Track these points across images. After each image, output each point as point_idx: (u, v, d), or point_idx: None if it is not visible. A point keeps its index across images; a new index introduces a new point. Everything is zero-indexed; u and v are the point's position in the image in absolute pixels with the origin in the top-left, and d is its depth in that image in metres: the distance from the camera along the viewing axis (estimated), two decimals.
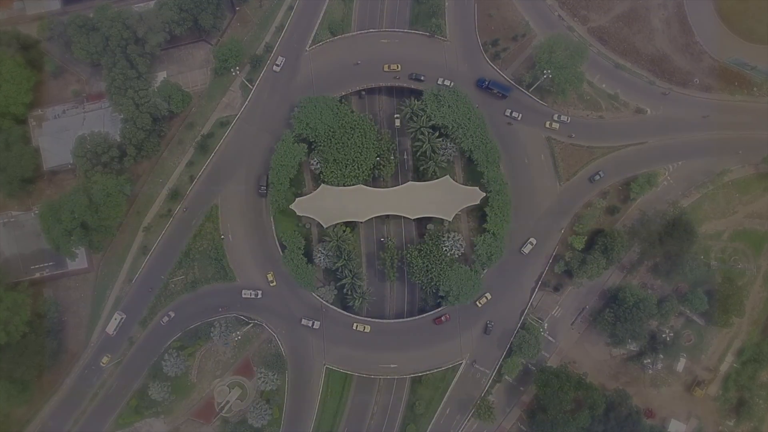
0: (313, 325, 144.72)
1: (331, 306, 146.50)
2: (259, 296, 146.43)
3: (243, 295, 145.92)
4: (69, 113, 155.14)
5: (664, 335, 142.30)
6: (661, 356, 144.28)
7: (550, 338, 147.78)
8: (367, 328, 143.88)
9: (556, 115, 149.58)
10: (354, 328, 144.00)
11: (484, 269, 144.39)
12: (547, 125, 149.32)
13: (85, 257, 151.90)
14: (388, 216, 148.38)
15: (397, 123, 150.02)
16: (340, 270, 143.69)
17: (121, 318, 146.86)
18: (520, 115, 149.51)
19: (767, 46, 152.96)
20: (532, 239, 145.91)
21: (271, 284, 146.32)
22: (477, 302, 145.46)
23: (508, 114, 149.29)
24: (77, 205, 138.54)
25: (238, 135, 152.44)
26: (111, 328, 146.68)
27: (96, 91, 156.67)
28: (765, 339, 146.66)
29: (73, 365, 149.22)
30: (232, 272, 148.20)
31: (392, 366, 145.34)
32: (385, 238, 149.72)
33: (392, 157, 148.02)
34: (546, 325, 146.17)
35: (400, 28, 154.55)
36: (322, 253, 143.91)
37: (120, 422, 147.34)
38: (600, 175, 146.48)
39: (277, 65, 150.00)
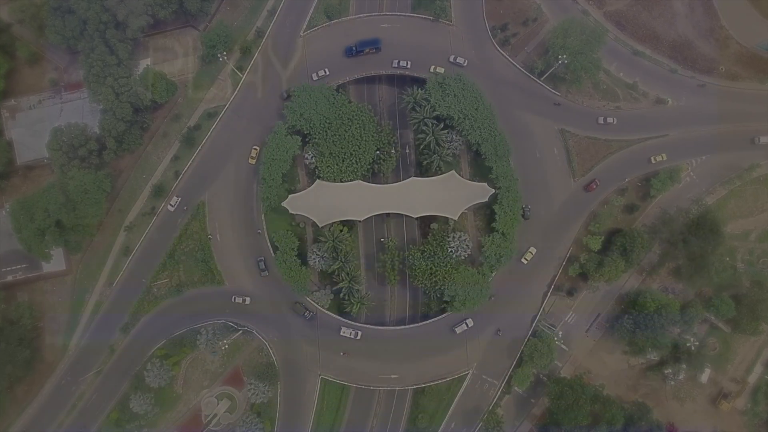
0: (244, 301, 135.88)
1: (327, 312, 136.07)
2: (248, 302, 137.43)
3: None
4: (45, 103, 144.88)
5: (688, 344, 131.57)
6: (684, 366, 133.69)
7: (563, 346, 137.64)
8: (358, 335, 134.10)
9: (452, 57, 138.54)
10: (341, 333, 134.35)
11: (492, 272, 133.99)
12: (432, 69, 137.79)
13: (62, 259, 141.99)
14: (388, 214, 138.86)
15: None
16: (336, 273, 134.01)
17: None
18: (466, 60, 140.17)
19: None
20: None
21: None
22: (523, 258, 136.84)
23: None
24: (52, 202, 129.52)
25: (227, 127, 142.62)
26: None
27: (75, 80, 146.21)
28: None
29: (49, 375, 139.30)
30: (220, 275, 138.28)
31: (393, 376, 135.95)
32: (386, 238, 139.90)
33: (393, 151, 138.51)
34: (560, 333, 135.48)
35: (402, 11, 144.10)
36: (317, 255, 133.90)
37: None
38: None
39: (172, 205, 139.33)
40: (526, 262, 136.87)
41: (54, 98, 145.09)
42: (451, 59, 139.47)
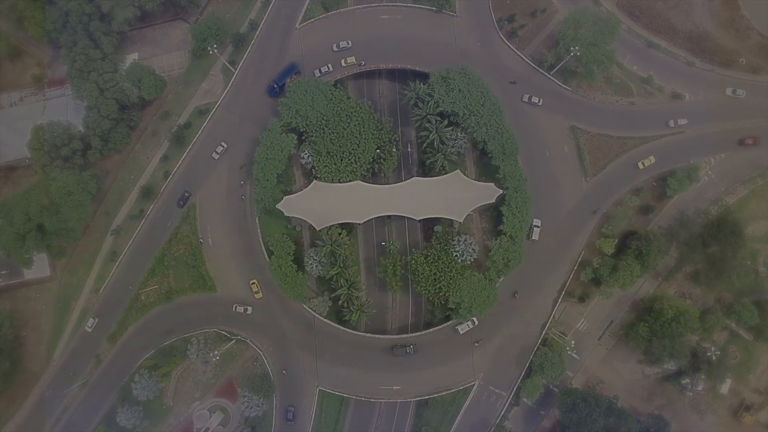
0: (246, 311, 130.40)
1: (325, 320, 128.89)
2: (249, 312, 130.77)
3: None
4: (27, 100, 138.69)
5: (708, 353, 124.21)
6: (703, 376, 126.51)
7: (575, 355, 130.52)
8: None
9: (335, 45, 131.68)
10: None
11: (500, 277, 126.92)
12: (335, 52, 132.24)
13: (46, 264, 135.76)
14: (389, 216, 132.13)
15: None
16: (335, 279, 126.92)
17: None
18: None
19: None
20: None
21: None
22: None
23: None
24: (33, 205, 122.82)
25: (219, 125, 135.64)
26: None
27: (59, 76, 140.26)
28: None
29: (32, 387, 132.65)
30: (211, 281, 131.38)
31: (395, 388, 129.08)
32: (387, 241, 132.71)
33: (394, 149, 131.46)
34: (573, 343, 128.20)
35: (403, 2, 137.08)
36: (315, 260, 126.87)
37: None
38: None
39: (89, 327, 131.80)
40: (642, 166, 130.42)
41: (36, 95, 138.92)
42: (335, 48, 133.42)
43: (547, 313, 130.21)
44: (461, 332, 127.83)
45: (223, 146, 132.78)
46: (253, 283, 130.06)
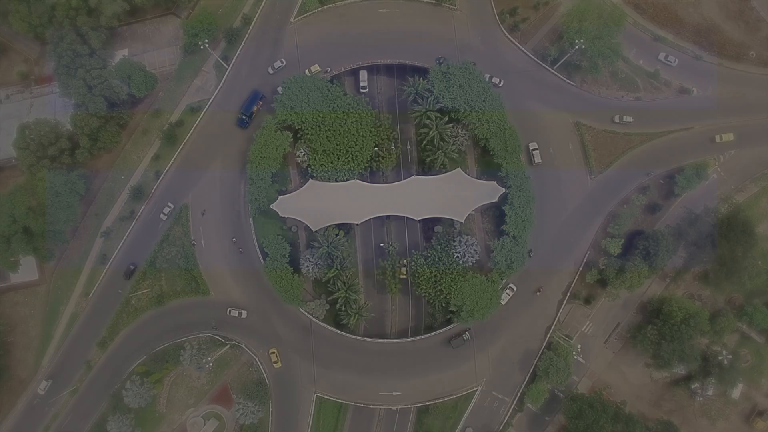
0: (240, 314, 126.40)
1: (322, 324, 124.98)
2: (244, 315, 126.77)
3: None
4: (13, 98, 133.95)
5: (719, 357, 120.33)
6: (713, 381, 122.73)
7: (580, 359, 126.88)
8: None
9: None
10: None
11: (502, 279, 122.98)
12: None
13: (35, 267, 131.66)
14: (388, 217, 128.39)
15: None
16: (332, 281, 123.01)
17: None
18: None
19: None
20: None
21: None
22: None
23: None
24: (18, 206, 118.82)
25: (212, 123, 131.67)
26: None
27: (46, 73, 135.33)
28: None
29: (20, 394, 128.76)
30: (204, 284, 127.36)
31: (395, 394, 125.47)
32: (386, 242, 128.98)
33: (393, 147, 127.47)
34: (579, 347, 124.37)
35: None
36: (311, 262, 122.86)
37: None
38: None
39: (42, 390, 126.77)
40: (720, 140, 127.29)
41: (23, 92, 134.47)
42: (270, 71, 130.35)
43: (552, 315, 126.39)
44: (503, 303, 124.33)
45: (170, 206, 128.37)
46: (273, 352, 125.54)
